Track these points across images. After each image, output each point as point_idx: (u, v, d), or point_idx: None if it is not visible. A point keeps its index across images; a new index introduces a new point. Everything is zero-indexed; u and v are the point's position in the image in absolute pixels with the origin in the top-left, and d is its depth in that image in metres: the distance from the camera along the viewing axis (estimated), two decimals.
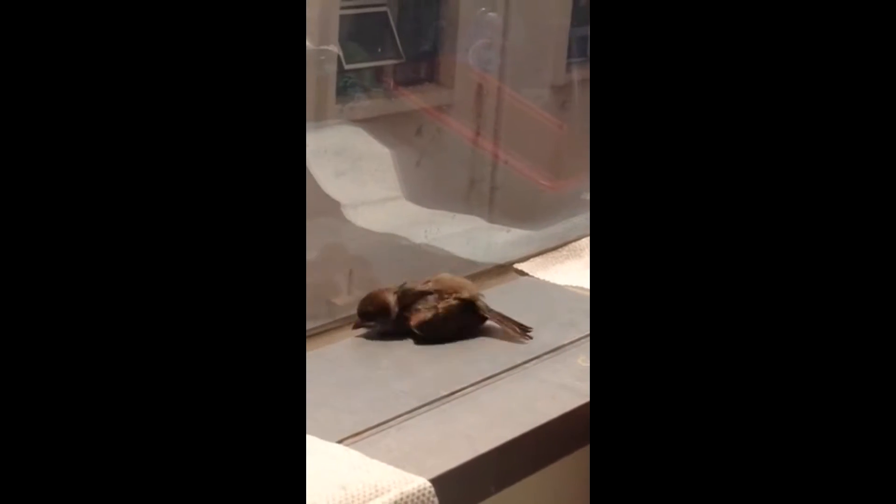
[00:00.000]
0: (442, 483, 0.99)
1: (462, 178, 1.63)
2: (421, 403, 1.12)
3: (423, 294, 1.26)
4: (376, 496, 0.95)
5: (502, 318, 1.28)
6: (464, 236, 1.47)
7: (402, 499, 0.96)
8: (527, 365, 1.22)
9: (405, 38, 1.57)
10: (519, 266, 1.47)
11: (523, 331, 1.27)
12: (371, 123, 1.50)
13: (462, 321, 1.27)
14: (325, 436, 1.03)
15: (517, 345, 1.26)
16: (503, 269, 1.47)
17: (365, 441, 1.05)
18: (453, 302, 1.26)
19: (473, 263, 1.44)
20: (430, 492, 0.98)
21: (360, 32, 1.52)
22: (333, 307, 1.32)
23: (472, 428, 1.09)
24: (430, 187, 1.52)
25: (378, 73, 1.56)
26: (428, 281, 1.28)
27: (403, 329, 1.25)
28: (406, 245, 1.43)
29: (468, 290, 1.28)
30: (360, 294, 1.27)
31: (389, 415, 1.09)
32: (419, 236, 1.43)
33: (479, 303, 1.28)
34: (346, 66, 1.49)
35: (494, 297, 1.31)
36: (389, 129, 1.52)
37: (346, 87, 1.49)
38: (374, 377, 1.18)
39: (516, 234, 1.53)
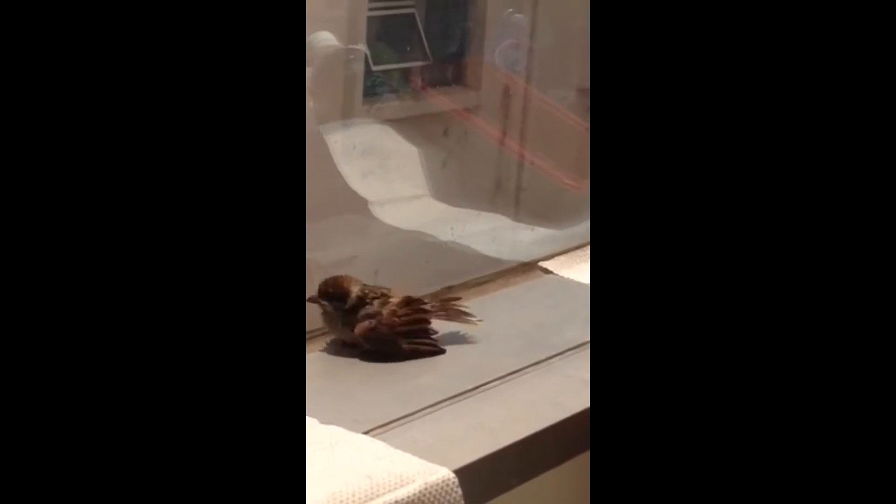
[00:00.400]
0: (465, 474, 1.00)
1: (488, 179, 1.63)
2: (445, 397, 1.14)
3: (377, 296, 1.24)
4: (401, 486, 0.97)
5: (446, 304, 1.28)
6: (489, 234, 1.48)
7: (425, 489, 0.98)
8: (551, 360, 1.24)
9: (432, 39, 1.57)
10: (544, 264, 1.48)
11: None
12: (398, 124, 1.50)
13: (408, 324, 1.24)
14: (350, 427, 1.05)
15: (541, 341, 1.27)
16: (528, 267, 1.48)
17: (390, 432, 1.07)
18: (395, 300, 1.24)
19: (499, 261, 1.45)
20: (453, 482, 0.99)
21: (387, 34, 1.52)
22: None
23: (495, 421, 1.10)
24: (457, 188, 1.53)
25: (406, 74, 1.56)
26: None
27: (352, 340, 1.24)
28: (432, 242, 1.44)
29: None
30: None
31: (414, 407, 1.11)
32: (445, 234, 1.44)
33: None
34: (374, 68, 1.49)
35: (520, 295, 1.33)
36: (416, 129, 1.52)
37: (374, 87, 1.50)
38: (400, 371, 1.19)
39: (541, 232, 1.54)
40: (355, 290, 1.23)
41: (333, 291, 1.23)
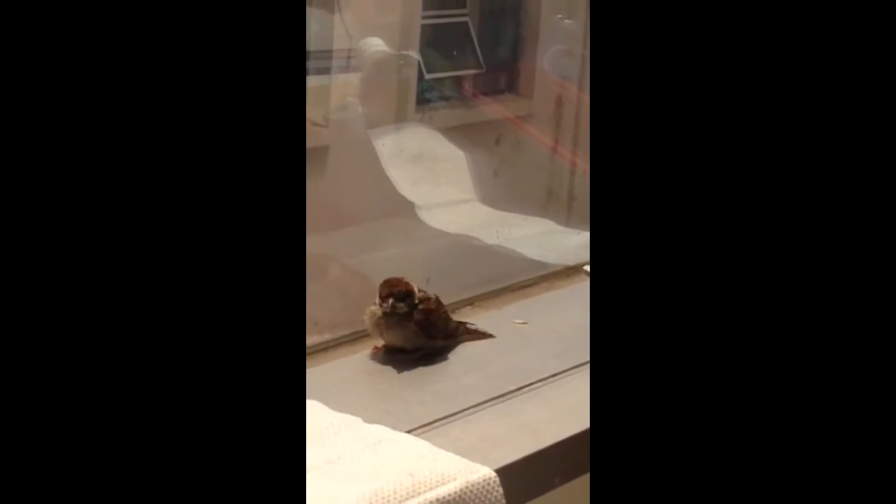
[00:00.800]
0: (507, 473, 1.01)
1: (540, 188, 1.64)
2: (488, 397, 1.15)
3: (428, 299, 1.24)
4: (442, 484, 0.97)
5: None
6: (536, 238, 1.49)
7: (467, 487, 0.98)
8: None
9: (485, 47, 1.59)
10: (588, 268, 1.49)
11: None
12: (450, 132, 1.52)
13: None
14: (394, 426, 1.06)
15: (584, 344, 1.28)
16: (573, 271, 1.49)
17: (433, 432, 1.08)
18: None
19: (544, 265, 1.46)
20: (494, 481, 1.00)
21: (440, 41, 1.54)
22: None
23: (538, 422, 1.11)
24: (509, 196, 1.54)
25: (458, 82, 1.57)
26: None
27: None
28: (478, 246, 1.45)
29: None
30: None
31: (457, 407, 1.12)
32: (491, 238, 1.45)
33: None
34: (427, 76, 1.51)
35: (564, 298, 1.34)
36: (469, 138, 1.54)
37: (426, 95, 1.52)
38: (444, 371, 1.21)
39: (587, 236, 1.55)
40: (417, 292, 1.23)
41: (399, 291, 1.22)
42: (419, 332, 1.22)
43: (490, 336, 1.29)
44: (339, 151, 1.41)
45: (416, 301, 1.22)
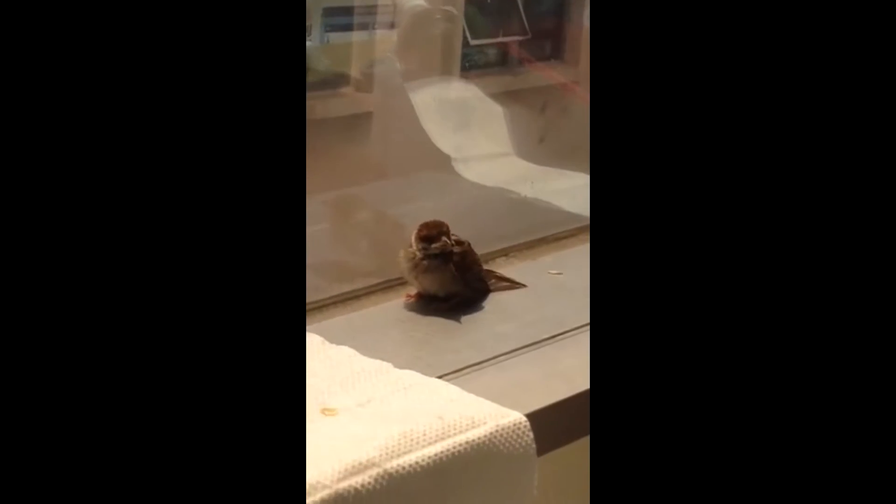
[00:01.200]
0: (538, 419, 1.01)
1: (585, 152, 1.63)
2: (521, 345, 1.15)
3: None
4: (472, 427, 0.97)
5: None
6: (572, 192, 1.49)
7: (497, 431, 0.98)
8: None
9: (531, 14, 1.58)
10: None
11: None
12: (495, 99, 1.52)
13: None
14: (425, 372, 1.06)
15: None
16: None
17: (464, 378, 1.08)
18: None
19: (580, 217, 1.45)
20: (525, 426, 0.99)
21: (485, 8, 1.53)
22: None
23: (571, 369, 1.11)
24: (554, 164, 1.54)
25: (503, 49, 1.57)
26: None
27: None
28: (514, 199, 1.45)
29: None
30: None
31: (489, 355, 1.12)
32: (527, 190, 1.45)
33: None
34: (472, 42, 1.50)
35: None
36: (513, 104, 1.54)
37: (470, 61, 1.51)
38: (478, 320, 1.21)
39: None
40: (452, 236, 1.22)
41: (437, 233, 1.20)
42: (456, 275, 1.21)
43: (522, 286, 1.29)
44: (378, 109, 1.41)
45: (453, 244, 1.21)
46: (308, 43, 1.34)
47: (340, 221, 1.33)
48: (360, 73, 1.40)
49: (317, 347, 1.09)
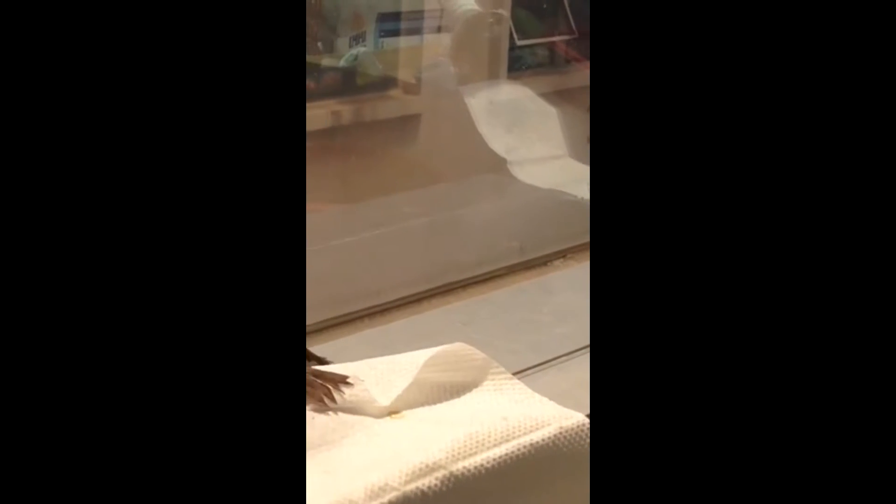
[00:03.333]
0: None
1: None
2: (580, 346, 1.16)
3: None
4: (536, 429, 0.98)
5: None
6: None
7: (561, 433, 0.98)
8: None
9: (577, 13, 1.58)
10: None
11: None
12: (545, 99, 1.52)
13: None
14: None
15: None
16: None
17: (527, 378, 1.08)
18: None
19: None
20: (587, 428, 1.00)
21: (532, 7, 1.54)
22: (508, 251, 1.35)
23: None
24: None
25: (551, 48, 1.57)
26: None
27: None
28: (570, 200, 1.45)
29: None
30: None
31: (551, 355, 1.13)
32: (582, 192, 1.45)
33: None
34: (519, 42, 1.51)
35: None
36: (563, 104, 1.54)
37: (519, 61, 1.51)
38: (537, 321, 1.21)
39: None
40: None
41: None
42: None
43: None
44: (430, 113, 1.41)
45: None
46: (362, 49, 1.35)
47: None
48: (412, 77, 1.41)
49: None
